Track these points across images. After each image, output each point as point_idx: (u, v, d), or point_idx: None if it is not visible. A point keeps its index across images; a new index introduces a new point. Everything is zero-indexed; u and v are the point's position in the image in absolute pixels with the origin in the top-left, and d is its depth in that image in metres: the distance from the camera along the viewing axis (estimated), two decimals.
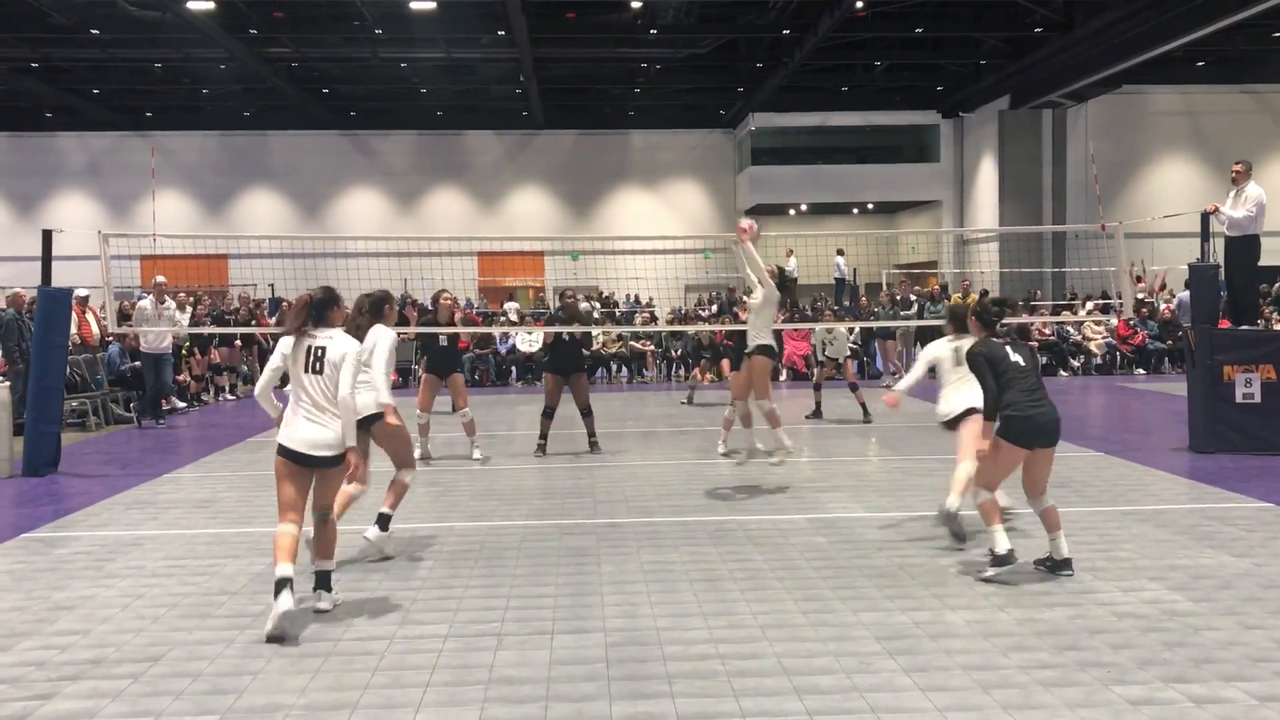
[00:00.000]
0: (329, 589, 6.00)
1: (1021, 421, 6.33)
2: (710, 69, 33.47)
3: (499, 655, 5.16)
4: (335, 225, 37.93)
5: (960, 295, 22.21)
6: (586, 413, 11.61)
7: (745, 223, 9.69)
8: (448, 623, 5.67)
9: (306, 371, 6.08)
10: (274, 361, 6.31)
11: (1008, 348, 6.55)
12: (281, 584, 5.49)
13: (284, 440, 6.04)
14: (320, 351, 6.04)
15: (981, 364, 6.47)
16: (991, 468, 6.55)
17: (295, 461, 6.03)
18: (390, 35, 28.00)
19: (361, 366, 6.40)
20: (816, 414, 14.72)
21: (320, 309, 6.11)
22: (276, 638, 5.39)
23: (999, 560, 6.32)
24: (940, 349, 7.76)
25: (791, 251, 29.32)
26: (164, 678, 4.91)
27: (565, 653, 5.18)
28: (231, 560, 7.07)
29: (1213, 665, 4.92)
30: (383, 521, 7.13)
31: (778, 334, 12.13)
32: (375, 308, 7.48)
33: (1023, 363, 6.49)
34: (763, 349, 9.39)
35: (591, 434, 11.72)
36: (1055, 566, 6.49)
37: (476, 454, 11.25)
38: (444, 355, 11.25)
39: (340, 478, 6.15)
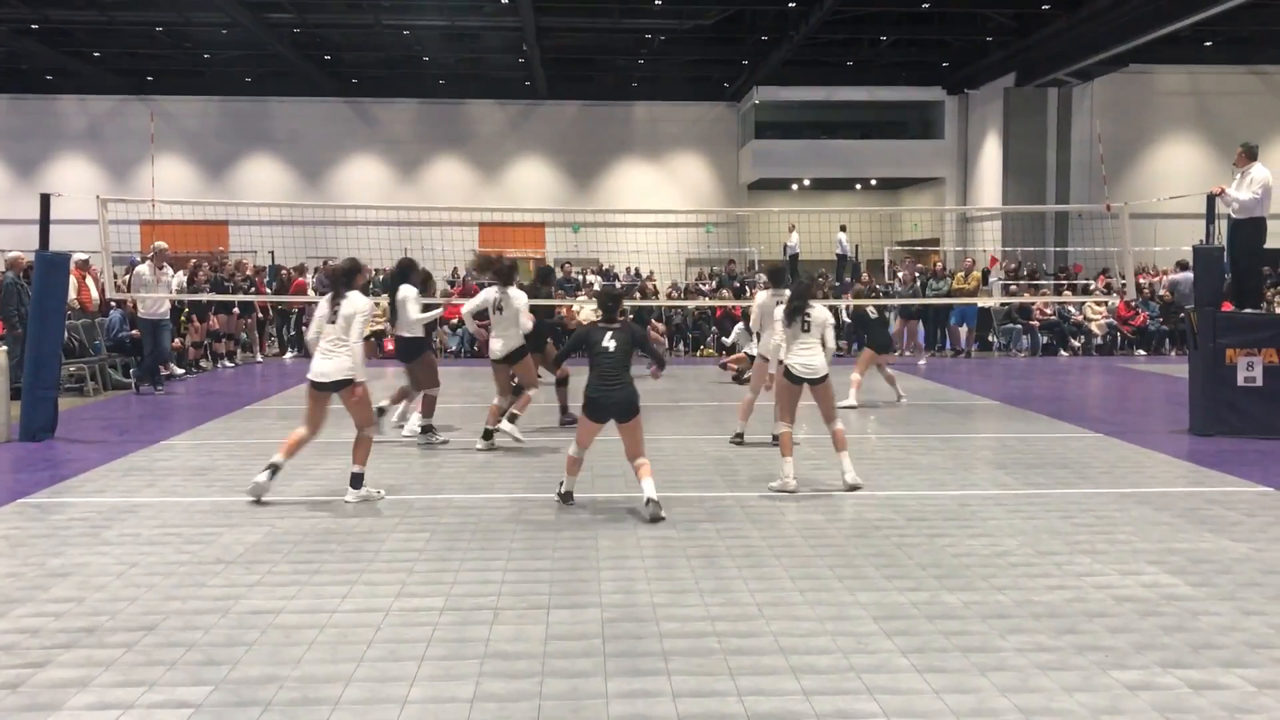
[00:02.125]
0: (357, 487, 7.94)
1: (590, 400, 7.58)
2: (715, 41, 33.21)
3: (495, 629, 5.14)
4: (336, 193, 37.77)
5: (963, 273, 22.14)
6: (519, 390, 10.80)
7: None
8: (444, 596, 5.65)
9: (329, 321, 7.96)
10: (317, 312, 8.14)
11: (607, 333, 7.65)
12: (270, 466, 7.88)
13: (309, 372, 8.05)
14: (338, 306, 7.94)
15: (575, 339, 8.19)
16: (580, 431, 7.73)
17: (313, 386, 8.03)
18: (393, 2, 27.79)
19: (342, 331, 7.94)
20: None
21: (348, 276, 8.16)
22: (253, 499, 7.75)
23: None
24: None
25: (794, 226, 29.26)
26: (158, 647, 4.89)
27: (561, 628, 5.16)
28: (228, 529, 7.05)
29: (1211, 651, 4.91)
30: (355, 480, 8.02)
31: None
32: (346, 276, 8.28)
33: (612, 349, 7.57)
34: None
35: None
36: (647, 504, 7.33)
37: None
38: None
39: (351, 397, 7.99)
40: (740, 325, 15.15)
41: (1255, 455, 9.97)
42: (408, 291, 10.10)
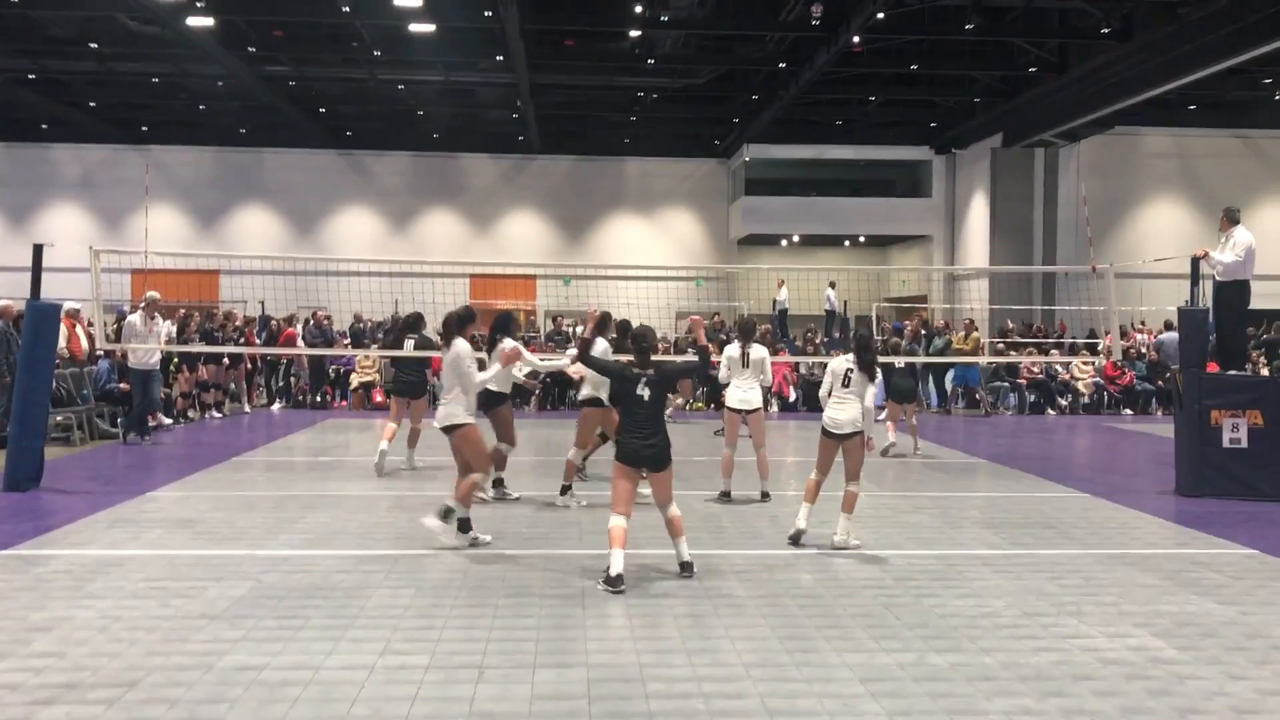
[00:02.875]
0: (465, 531, 8.23)
1: (622, 446, 7.58)
2: (706, 99, 33.63)
3: (480, 689, 5.11)
4: (329, 244, 37.91)
5: (962, 333, 22.25)
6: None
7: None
8: (428, 653, 5.62)
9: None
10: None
11: (642, 379, 7.53)
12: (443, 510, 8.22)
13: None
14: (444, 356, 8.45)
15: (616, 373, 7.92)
16: (615, 486, 7.49)
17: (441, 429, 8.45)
18: (389, 57, 28.08)
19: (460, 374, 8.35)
20: None
21: (459, 324, 8.55)
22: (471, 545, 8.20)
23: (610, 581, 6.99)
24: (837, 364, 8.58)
25: (783, 282, 29.42)
26: (141, 704, 4.85)
27: (547, 688, 5.13)
28: (213, 583, 7.01)
29: (1198, 716, 4.91)
30: (463, 525, 8.24)
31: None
32: (456, 323, 8.63)
33: (646, 397, 7.49)
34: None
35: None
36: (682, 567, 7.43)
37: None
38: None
39: (459, 441, 8.34)
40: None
41: (1241, 517, 9.99)
42: (461, 348, 8.54)
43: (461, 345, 8.43)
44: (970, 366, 21.15)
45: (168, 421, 16.64)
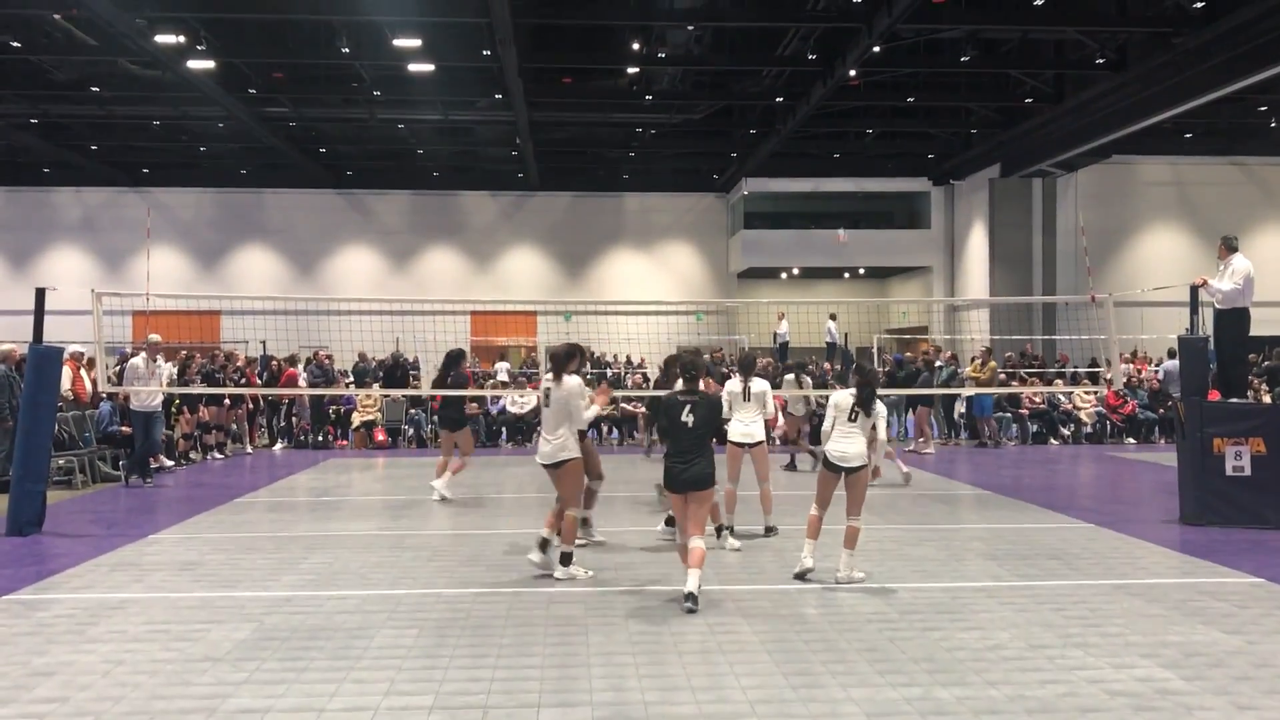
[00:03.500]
0: (565, 564, 8.35)
1: (668, 470, 7.87)
2: (704, 134, 33.86)
3: None
4: (330, 283, 38.06)
5: (978, 362, 22.26)
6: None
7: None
8: (432, 694, 5.60)
9: (545, 405, 8.56)
10: (540, 396, 8.78)
11: (686, 406, 7.84)
12: (540, 541, 8.50)
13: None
14: (549, 391, 8.49)
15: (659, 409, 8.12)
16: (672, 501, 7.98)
17: (543, 466, 8.60)
18: (388, 97, 28.33)
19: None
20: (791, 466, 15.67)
21: (566, 359, 8.54)
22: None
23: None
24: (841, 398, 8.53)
25: (783, 315, 29.48)
26: None
27: None
28: (215, 625, 6.98)
29: None
30: (564, 558, 8.41)
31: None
32: (564, 359, 8.68)
33: (691, 424, 7.80)
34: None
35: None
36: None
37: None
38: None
39: (559, 478, 8.46)
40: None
41: (1246, 545, 9.96)
42: (571, 384, 8.52)
43: (572, 381, 8.53)
44: (985, 396, 21.12)
45: (169, 463, 16.62)
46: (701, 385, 8.09)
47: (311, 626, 6.98)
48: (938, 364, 21.14)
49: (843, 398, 8.46)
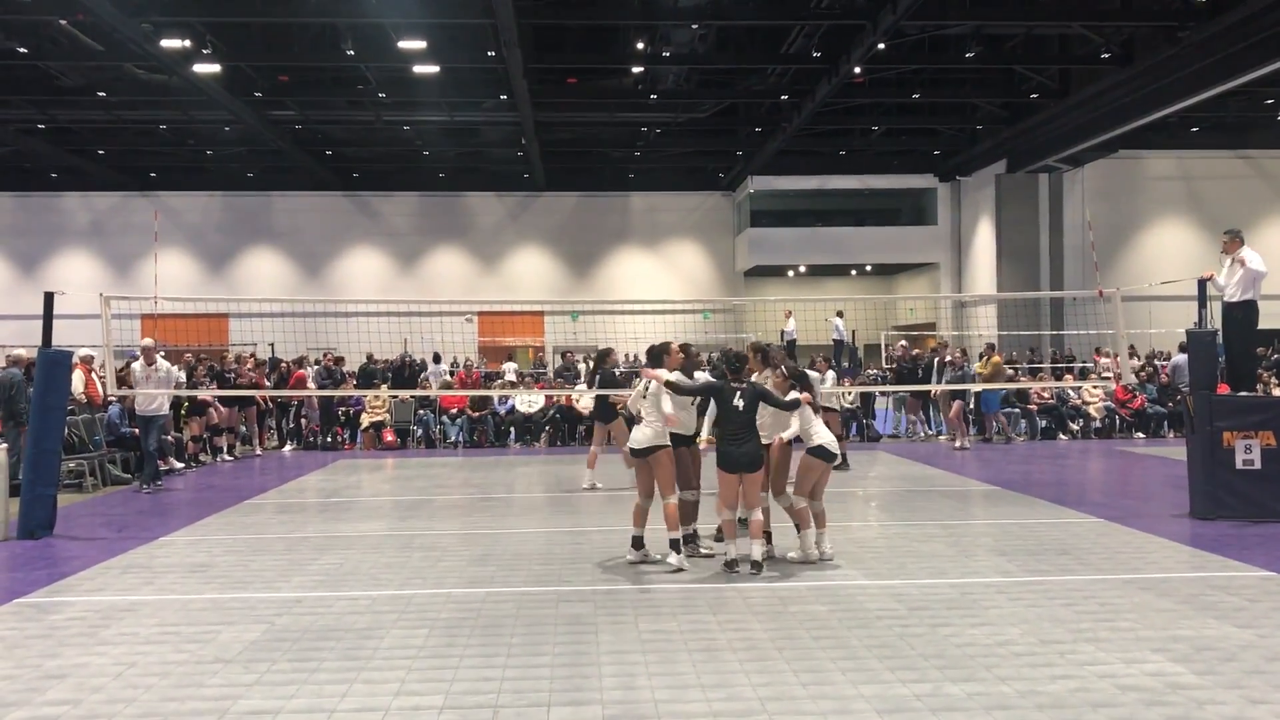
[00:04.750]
0: (678, 551, 8.65)
1: (723, 453, 8.55)
2: (710, 133, 33.86)
3: None
4: (337, 285, 38.14)
5: (982, 359, 22.24)
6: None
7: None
8: (443, 694, 5.60)
9: (643, 396, 9.20)
10: (636, 389, 9.58)
11: (738, 393, 8.52)
12: (634, 540, 9.00)
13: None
14: (648, 384, 9.04)
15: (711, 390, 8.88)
16: (720, 488, 8.56)
17: (631, 453, 9.16)
18: (394, 99, 28.37)
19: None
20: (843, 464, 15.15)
21: (659, 355, 9.26)
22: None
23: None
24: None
25: (790, 313, 29.44)
26: None
27: None
28: (226, 627, 7.00)
29: None
30: (674, 544, 8.67)
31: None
32: (659, 354, 9.38)
33: (741, 408, 8.47)
34: (817, 450, 8.94)
35: None
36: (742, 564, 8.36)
37: None
38: None
39: (654, 466, 8.83)
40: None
41: (1257, 539, 9.93)
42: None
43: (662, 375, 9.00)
44: (992, 392, 21.07)
45: (179, 465, 16.65)
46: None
47: (322, 627, 6.99)
48: (947, 359, 21.09)
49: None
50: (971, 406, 22.15)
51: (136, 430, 15.31)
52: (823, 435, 8.90)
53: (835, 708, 5.35)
